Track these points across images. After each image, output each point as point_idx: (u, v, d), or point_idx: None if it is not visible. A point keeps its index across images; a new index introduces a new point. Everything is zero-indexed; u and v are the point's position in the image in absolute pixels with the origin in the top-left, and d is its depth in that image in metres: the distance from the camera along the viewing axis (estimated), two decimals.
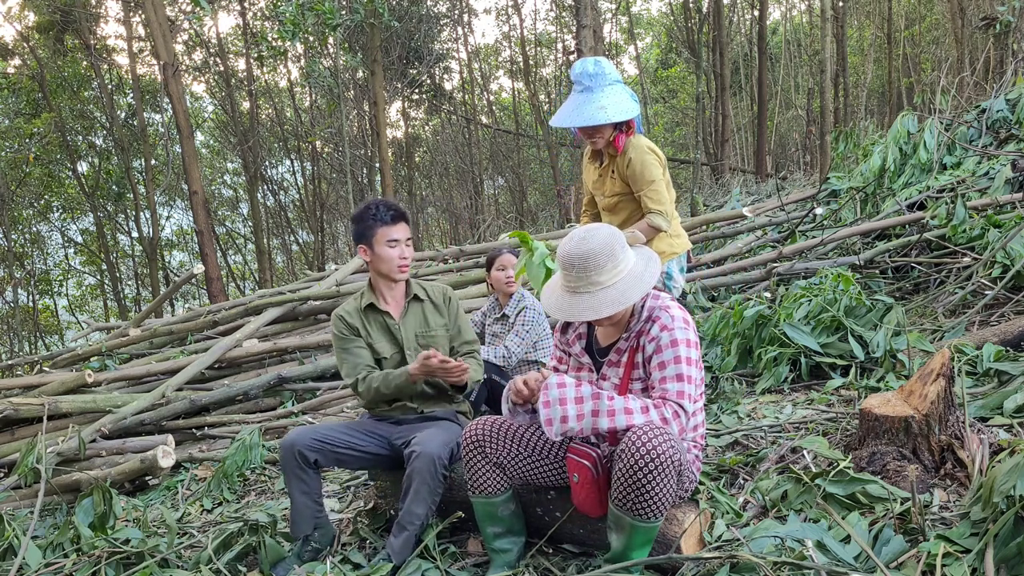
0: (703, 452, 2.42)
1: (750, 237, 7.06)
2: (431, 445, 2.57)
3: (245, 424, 5.35)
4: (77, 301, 25.08)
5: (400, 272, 2.90)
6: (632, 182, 3.28)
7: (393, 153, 20.41)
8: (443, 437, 2.64)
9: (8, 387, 6.15)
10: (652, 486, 2.07)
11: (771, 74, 22.09)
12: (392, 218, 2.86)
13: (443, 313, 3.01)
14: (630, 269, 2.25)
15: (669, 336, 2.23)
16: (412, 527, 2.57)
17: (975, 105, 7.66)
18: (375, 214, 2.87)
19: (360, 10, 11.96)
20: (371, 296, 2.98)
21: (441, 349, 2.93)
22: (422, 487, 2.56)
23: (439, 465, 2.56)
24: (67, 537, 2.96)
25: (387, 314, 2.95)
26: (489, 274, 4.00)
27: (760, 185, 14.64)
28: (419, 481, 2.56)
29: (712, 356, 4.64)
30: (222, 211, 25.61)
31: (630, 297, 2.20)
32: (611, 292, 2.20)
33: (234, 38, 21.59)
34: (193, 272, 8.69)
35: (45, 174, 19.64)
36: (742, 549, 2.19)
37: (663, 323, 2.26)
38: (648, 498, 2.09)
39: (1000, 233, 4.92)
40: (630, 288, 2.22)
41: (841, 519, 2.23)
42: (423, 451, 2.56)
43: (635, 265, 2.27)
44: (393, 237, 2.85)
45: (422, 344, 2.92)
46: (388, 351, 2.94)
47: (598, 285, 2.20)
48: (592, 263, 2.19)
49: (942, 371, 2.45)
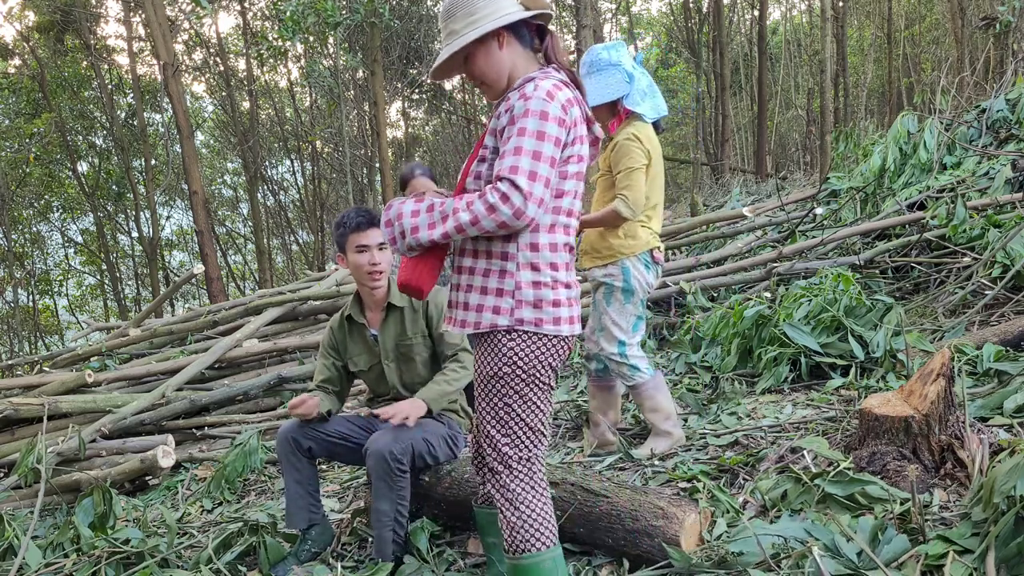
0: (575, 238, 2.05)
1: (750, 237, 7.06)
2: (380, 442, 2.57)
3: (245, 424, 5.35)
4: (77, 301, 25.09)
5: (371, 279, 2.82)
6: (613, 164, 3.24)
7: (393, 153, 20.42)
8: (397, 433, 2.60)
9: (8, 387, 6.15)
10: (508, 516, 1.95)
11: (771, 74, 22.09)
12: (359, 224, 2.79)
13: (420, 317, 2.88)
14: (487, 16, 1.91)
15: (523, 106, 1.83)
16: (382, 525, 2.58)
17: (975, 105, 7.65)
18: (345, 221, 2.83)
19: (360, 10, 11.96)
20: (354, 306, 2.94)
21: (419, 357, 2.85)
22: (379, 484, 2.57)
23: (390, 460, 2.54)
24: (67, 537, 2.96)
25: (363, 326, 2.90)
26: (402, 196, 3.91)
27: (760, 185, 14.64)
28: (375, 478, 2.58)
29: (712, 356, 4.64)
30: (222, 211, 25.63)
31: (465, 39, 1.90)
32: (454, 40, 1.93)
33: (234, 38, 21.60)
34: (193, 272, 8.68)
35: (45, 174, 19.66)
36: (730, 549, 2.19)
37: (524, 92, 1.85)
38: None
39: (1000, 233, 4.92)
40: (467, 28, 1.90)
41: (840, 520, 2.23)
42: (372, 449, 2.57)
43: (493, 18, 1.91)
44: (362, 243, 2.78)
45: (402, 353, 2.86)
46: (366, 363, 2.92)
47: (453, 35, 1.95)
48: (448, 11, 1.95)
49: (942, 371, 2.45)
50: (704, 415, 3.79)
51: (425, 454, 2.71)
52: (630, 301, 3.23)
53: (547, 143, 1.82)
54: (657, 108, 3.28)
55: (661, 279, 5.87)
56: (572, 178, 1.93)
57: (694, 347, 4.84)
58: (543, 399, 1.97)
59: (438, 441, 2.77)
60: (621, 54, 3.24)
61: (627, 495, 2.44)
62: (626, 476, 3.10)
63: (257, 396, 5.84)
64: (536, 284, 1.91)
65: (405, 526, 2.64)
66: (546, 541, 1.94)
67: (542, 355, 1.93)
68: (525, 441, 1.96)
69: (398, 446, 2.56)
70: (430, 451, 2.73)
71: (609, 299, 3.24)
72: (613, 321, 3.23)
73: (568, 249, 1.97)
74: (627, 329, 3.24)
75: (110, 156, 20.22)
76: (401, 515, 2.61)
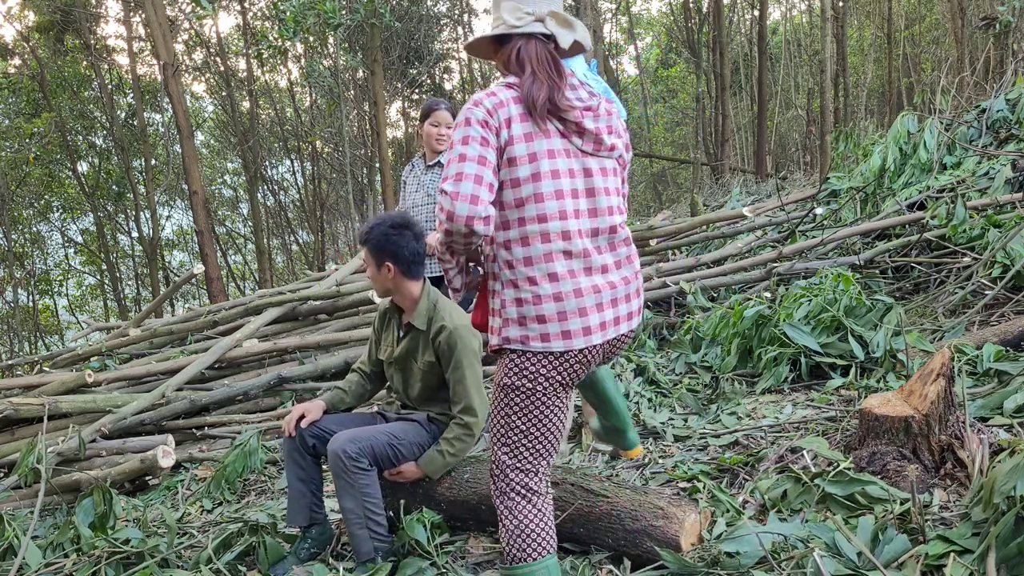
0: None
1: (750, 237, 7.06)
2: (335, 442, 2.61)
3: (245, 424, 5.34)
4: (77, 301, 25.08)
5: (376, 294, 2.83)
6: None
7: (393, 153, 20.41)
8: (356, 433, 2.65)
9: (8, 387, 6.15)
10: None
11: (771, 74, 22.09)
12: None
13: (431, 348, 2.77)
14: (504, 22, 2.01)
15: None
16: (353, 524, 2.60)
17: (975, 105, 7.65)
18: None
19: (360, 10, 11.96)
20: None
21: (419, 376, 2.81)
22: (339, 482, 2.61)
23: (345, 459, 2.57)
24: (67, 537, 2.96)
25: (399, 318, 2.90)
26: (422, 126, 3.89)
27: (760, 185, 14.64)
28: (335, 477, 2.62)
29: (712, 356, 4.64)
30: (222, 211, 25.62)
31: (483, 33, 2.04)
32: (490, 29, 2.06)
33: (235, 38, 21.60)
34: (193, 272, 8.67)
35: (45, 174, 19.64)
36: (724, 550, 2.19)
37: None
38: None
39: (1000, 233, 4.92)
40: (494, 24, 2.02)
41: (839, 520, 2.23)
42: (330, 449, 2.62)
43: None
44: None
45: (407, 366, 2.85)
46: (387, 355, 2.93)
47: (494, 21, 2.06)
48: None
49: (942, 371, 2.45)
50: (704, 415, 3.79)
51: (391, 456, 2.71)
52: None
53: (470, 145, 1.84)
54: None
55: (662, 279, 5.88)
56: (528, 182, 1.89)
57: (694, 347, 4.84)
58: (546, 414, 1.96)
59: (408, 447, 2.76)
60: (572, 63, 3.26)
61: (627, 495, 2.44)
62: (626, 476, 3.10)
63: (257, 396, 5.84)
64: (518, 301, 1.90)
65: (383, 524, 2.63)
66: (540, 551, 1.96)
67: (537, 371, 1.91)
68: (524, 454, 1.97)
69: (353, 447, 2.59)
70: (396, 454, 2.72)
71: None
72: None
73: (563, 254, 1.90)
74: None
75: (110, 156, 20.21)
76: (372, 512, 2.61)
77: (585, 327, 1.90)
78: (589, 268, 1.93)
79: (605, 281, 1.94)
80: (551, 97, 1.93)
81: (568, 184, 1.93)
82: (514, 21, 1.97)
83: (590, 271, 1.93)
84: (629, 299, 1.99)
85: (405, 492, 2.87)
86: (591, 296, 1.92)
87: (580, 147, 1.96)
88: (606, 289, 1.94)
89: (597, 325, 1.92)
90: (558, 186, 1.91)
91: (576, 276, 1.91)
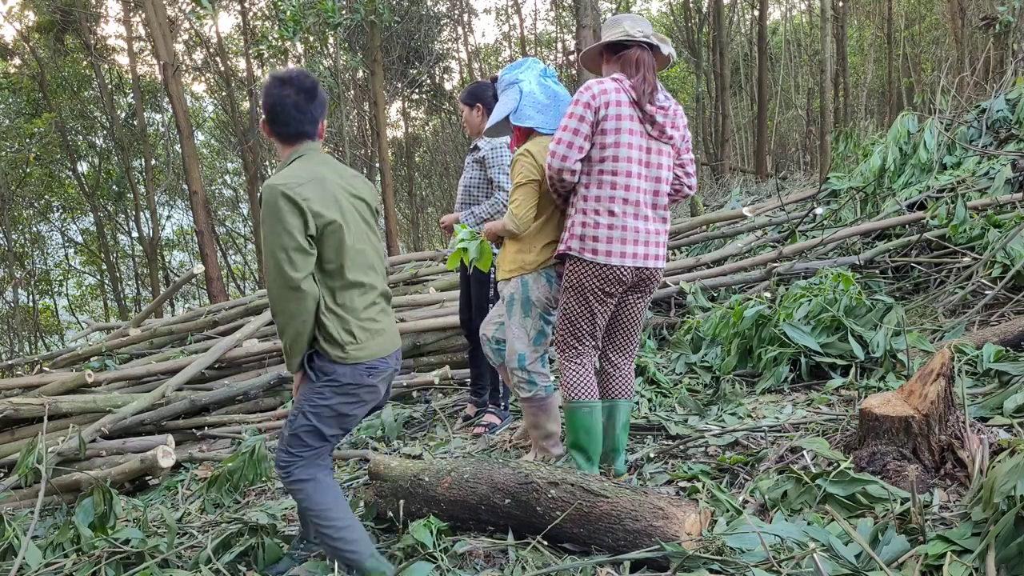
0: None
1: (750, 237, 7.06)
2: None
3: (245, 424, 5.34)
4: (77, 301, 25.08)
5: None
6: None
7: (393, 153, 20.41)
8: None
9: (8, 387, 6.15)
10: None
11: (771, 74, 22.09)
12: None
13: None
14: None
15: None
16: (323, 547, 2.55)
17: (975, 105, 7.65)
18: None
19: (360, 9, 11.95)
20: None
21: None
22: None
23: (281, 480, 2.47)
24: (67, 537, 2.96)
25: None
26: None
27: (760, 185, 14.65)
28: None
29: (712, 356, 4.64)
30: (222, 211, 25.60)
31: (592, 45, 3.11)
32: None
33: (235, 38, 21.59)
34: (193, 272, 8.67)
35: (45, 174, 19.65)
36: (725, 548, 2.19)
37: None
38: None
39: (1000, 233, 4.92)
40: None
41: (843, 520, 2.23)
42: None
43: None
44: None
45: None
46: None
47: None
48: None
49: (942, 371, 2.45)
50: (704, 415, 3.79)
51: (305, 419, 2.37)
52: (529, 315, 3.21)
53: (572, 119, 2.77)
54: (557, 120, 3.20)
55: (662, 279, 5.87)
56: (610, 148, 2.78)
57: (694, 347, 4.84)
58: (589, 310, 2.89)
59: (304, 396, 2.40)
60: (521, 71, 3.26)
61: (627, 495, 2.44)
62: (626, 476, 3.09)
63: (257, 396, 5.84)
64: (583, 224, 2.82)
65: (345, 534, 2.42)
66: (580, 395, 2.93)
67: (583, 276, 2.83)
68: (568, 337, 2.97)
69: (279, 458, 2.42)
70: (303, 412, 2.37)
71: (511, 311, 3.25)
72: (514, 333, 3.24)
73: (623, 200, 2.79)
74: (528, 342, 3.23)
75: (110, 156, 20.21)
76: (323, 526, 2.40)
77: (622, 252, 2.79)
78: (636, 215, 2.80)
79: (645, 227, 2.82)
80: (652, 92, 2.79)
81: (636, 155, 2.80)
82: (635, 33, 2.81)
83: (636, 216, 2.80)
84: (658, 245, 2.87)
85: (404, 493, 2.87)
86: (632, 233, 2.80)
87: (649, 132, 2.82)
88: (643, 232, 2.82)
89: (631, 254, 2.80)
90: (628, 154, 2.78)
91: (626, 217, 2.79)
